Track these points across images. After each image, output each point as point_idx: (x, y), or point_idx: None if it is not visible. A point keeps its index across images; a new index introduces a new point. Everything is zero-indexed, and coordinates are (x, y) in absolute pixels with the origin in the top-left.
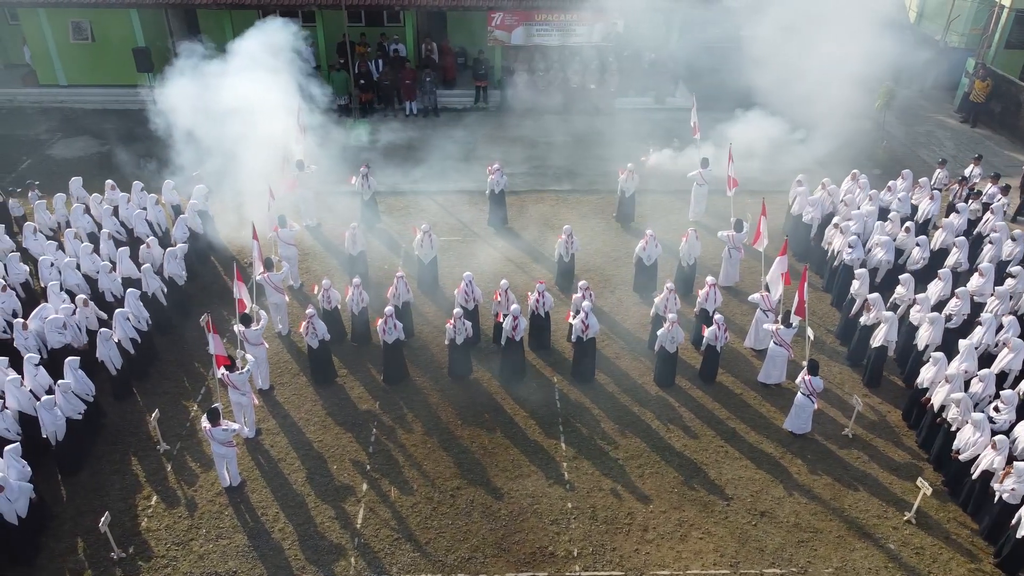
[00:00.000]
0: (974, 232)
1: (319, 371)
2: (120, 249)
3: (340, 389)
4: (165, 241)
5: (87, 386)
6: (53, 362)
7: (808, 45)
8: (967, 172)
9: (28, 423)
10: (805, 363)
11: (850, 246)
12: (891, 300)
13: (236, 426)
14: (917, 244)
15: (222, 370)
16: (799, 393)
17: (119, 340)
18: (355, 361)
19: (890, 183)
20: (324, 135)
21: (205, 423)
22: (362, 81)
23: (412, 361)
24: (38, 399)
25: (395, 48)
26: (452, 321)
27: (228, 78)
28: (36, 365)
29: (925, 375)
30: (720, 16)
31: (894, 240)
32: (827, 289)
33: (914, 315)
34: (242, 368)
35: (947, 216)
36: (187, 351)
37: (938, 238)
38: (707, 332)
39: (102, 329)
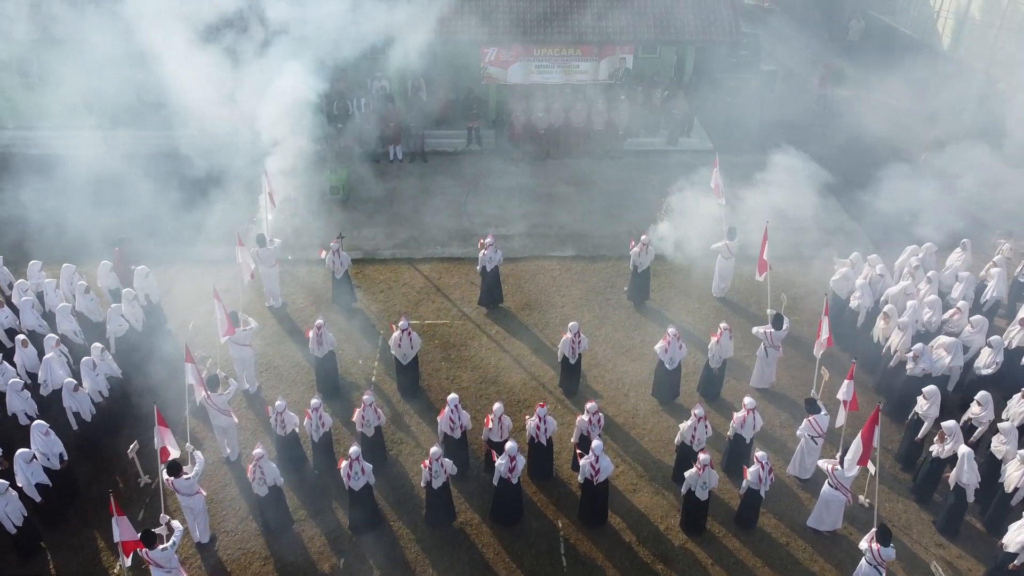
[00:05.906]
0: None
1: (270, 518)
2: (61, 356)
3: (297, 540)
4: (96, 338)
5: None
6: None
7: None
8: None
9: None
10: (873, 518)
11: (914, 357)
12: (964, 419)
13: None
14: (989, 344)
15: (135, 553)
16: (864, 561)
17: (22, 486)
18: (317, 496)
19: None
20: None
21: None
22: (340, 125)
23: (387, 496)
24: None
25: (381, 85)
26: (427, 462)
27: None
28: None
29: (1015, 537)
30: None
31: (959, 336)
32: (878, 390)
33: (996, 447)
34: (167, 542)
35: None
36: (116, 482)
37: (1014, 335)
38: (749, 473)
39: None
